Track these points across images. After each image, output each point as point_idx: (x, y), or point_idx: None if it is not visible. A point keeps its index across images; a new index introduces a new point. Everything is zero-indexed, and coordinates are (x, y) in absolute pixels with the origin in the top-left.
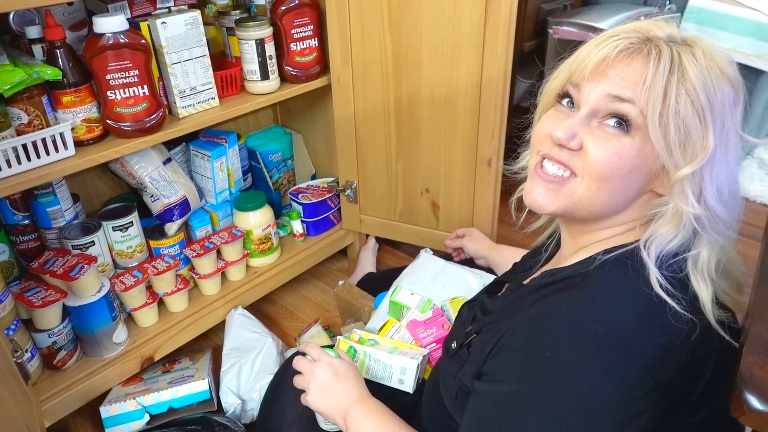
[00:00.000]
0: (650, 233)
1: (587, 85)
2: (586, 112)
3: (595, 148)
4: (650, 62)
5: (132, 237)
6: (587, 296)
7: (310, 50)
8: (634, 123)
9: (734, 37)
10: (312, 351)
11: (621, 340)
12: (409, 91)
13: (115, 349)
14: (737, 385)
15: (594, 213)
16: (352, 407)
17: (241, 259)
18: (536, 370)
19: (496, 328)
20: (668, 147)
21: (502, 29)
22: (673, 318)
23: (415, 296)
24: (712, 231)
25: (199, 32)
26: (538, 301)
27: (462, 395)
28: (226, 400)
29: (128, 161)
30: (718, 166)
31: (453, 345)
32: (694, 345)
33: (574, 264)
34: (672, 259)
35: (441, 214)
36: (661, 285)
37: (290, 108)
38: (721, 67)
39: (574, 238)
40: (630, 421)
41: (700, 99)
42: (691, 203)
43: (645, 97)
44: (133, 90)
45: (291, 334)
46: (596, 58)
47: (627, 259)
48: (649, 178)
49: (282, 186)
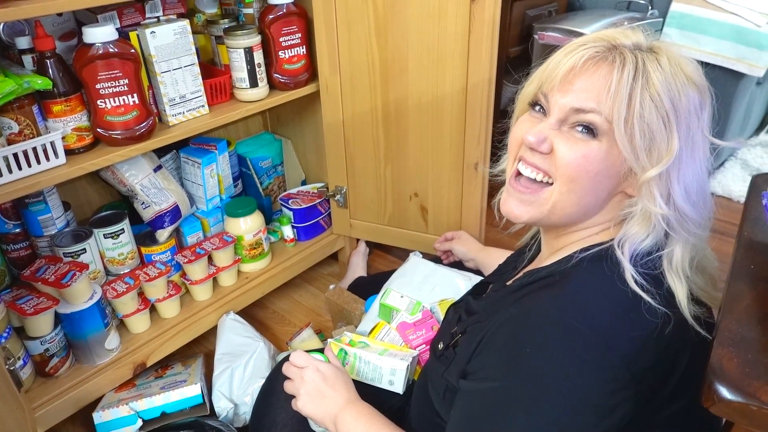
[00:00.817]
0: (623, 233)
1: (555, 95)
2: (555, 119)
3: (564, 150)
4: (614, 70)
5: (123, 244)
6: (565, 294)
7: (299, 58)
8: (600, 129)
9: (716, 41)
10: (300, 357)
11: (598, 335)
12: (397, 98)
13: (108, 356)
14: (708, 377)
15: (568, 216)
16: (341, 411)
17: (233, 264)
18: (517, 366)
19: (479, 328)
20: (634, 151)
21: (486, 36)
22: (648, 313)
23: (404, 299)
24: (682, 230)
25: (188, 41)
26: (518, 300)
27: (449, 395)
28: (218, 405)
29: (119, 169)
30: (685, 167)
31: (439, 346)
32: (668, 338)
33: (553, 263)
34: (647, 257)
35: (430, 218)
36: (636, 281)
37: (280, 115)
38: (687, 73)
39: (552, 241)
40: (608, 413)
41: (664, 104)
42: (659, 204)
43: (610, 104)
44: (123, 99)
45: (283, 339)
46: (564, 68)
47: (603, 257)
48: (618, 179)
49: (272, 192)
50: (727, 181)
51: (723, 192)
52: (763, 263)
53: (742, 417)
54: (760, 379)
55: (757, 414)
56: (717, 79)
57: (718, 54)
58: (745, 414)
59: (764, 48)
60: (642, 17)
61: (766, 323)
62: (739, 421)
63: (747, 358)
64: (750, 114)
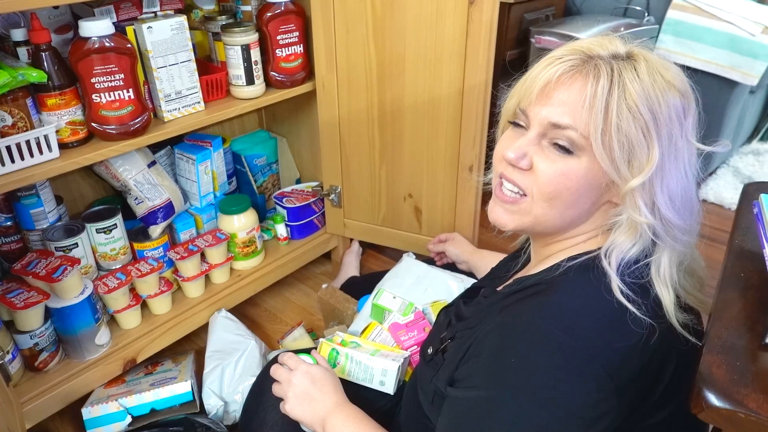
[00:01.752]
0: (610, 243)
1: (533, 110)
2: (535, 134)
3: (544, 168)
4: (589, 83)
5: (116, 239)
6: (551, 303)
7: (296, 56)
8: (578, 145)
9: (710, 49)
10: (289, 360)
11: (583, 345)
12: (393, 98)
13: (98, 351)
14: (697, 383)
15: (552, 228)
16: (329, 414)
17: (225, 262)
18: (503, 376)
19: (468, 335)
20: (614, 163)
21: (483, 39)
22: (633, 323)
23: (397, 300)
24: (668, 238)
25: (185, 37)
26: (506, 308)
27: (438, 399)
28: (208, 402)
29: (113, 164)
30: (669, 175)
31: (429, 351)
32: (653, 348)
33: (541, 271)
34: (634, 265)
35: (423, 219)
36: (622, 291)
37: (276, 113)
38: (667, 79)
39: (540, 249)
40: (592, 423)
41: (642, 114)
42: (644, 214)
43: (586, 119)
44: (119, 93)
45: (274, 337)
46: (540, 83)
47: (590, 266)
48: (601, 191)
49: (267, 190)
50: (719, 189)
51: (715, 199)
52: (752, 271)
53: (730, 424)
54: (748, 386)
55: (745, 421)
56: (711, 86)
57: (712, 62)
58: (732, 421)
59: (758, 57)
60: (638, 23)
61: (755, 331)
62: (727, 428)
63: (736, 365)
64: (743, 122)
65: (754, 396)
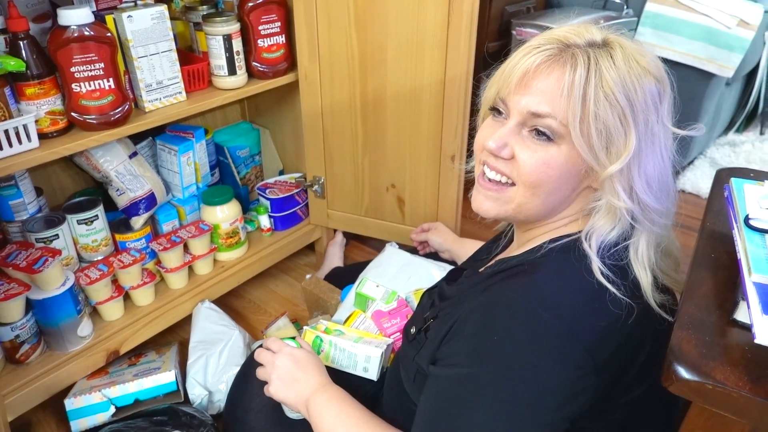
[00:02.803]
0: (590, 226)
1: (512, 99)
2: (514, 123)
3: (525, 157)
4: (567, 72)
5: (97, 230)
6: (533, 283)
7: (278, 47)
8: (557, 133)
9: (688, 41)
10: (273, 344)
11: (563, 323)
12: (375, 89)
13: (80, 343)
14: (668, 358)
15: (534, 215)
16: (313, 395)
17: (209, 253)
18: (485, 353)
19: (450, 314)
20: (592, 150)
21: (464, 29)
22: (612, 303)
23: (380, 288)
24: (646, 221)
25: (166, 26)
26: (489, 287)
27: (420, 378)
28: (192, 392)
29: (93, 155)
30: (645, 160)
31: (412, 330)
32: (631, 327)
33: (523, 253)
34: (613, 248)
35: (406, 209)
36: (602, 272)
37: (258, 104)
38: (643, 65)
39: (522, 233)
40: (572, 399)
41: (618, 101)
42: (622, 198)
43: (564, 107)
44: (99, 83)
45: (258, 328)
46: (519, 72)
47: (571, 248)
48: (580, 177)
49: (250, 181)
50: (696, 179)
51: (692, 189)
52: (722, 252)
53: (698, 396)
54: (716, 359)
55: (712, 392)
56: (688, 78)
57: (689, 54)
58: (701, 393)
59: (733, 49)
60: (617, 16)
61: (724, 308)
62: (695, 400)
63: (705, 340)
64: (719, 114)
65: (721, 368)
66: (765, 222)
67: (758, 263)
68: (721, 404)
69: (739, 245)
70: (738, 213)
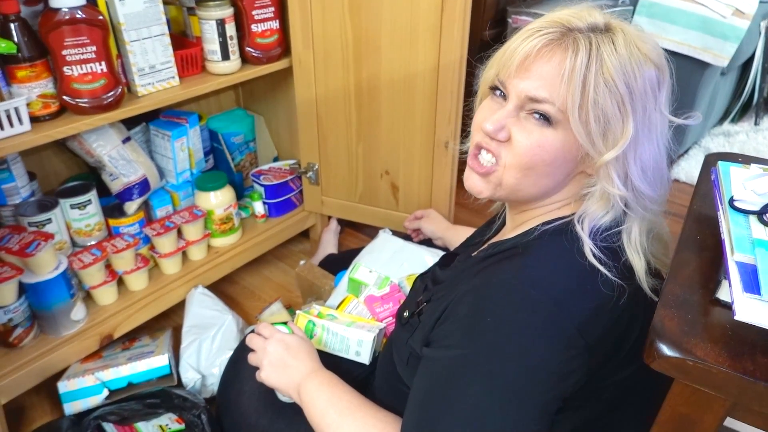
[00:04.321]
0: (583, 210)
1: (512, 82)
2: (513, 106)
3: (520, 139)
4: (568, 57)
5: (90, 215)
6: (526, 265)
7: (271, 32)
8: (555, 118)
9: (683, 30)
10: (264, 329)
11: (556, 304)
12: (369, 75)
13: (74, 327)
14: (650, 335)
15: (526, 196)
16: (304, 380)
17: (202, 238)
18: (479, 334)
19: (444, 297)
20: (590, 137)
21: (458, 15)
22: (604, 285)
23: (373, 274)
24: (639, 208)
25: (159, 10)
26: (482, 270)
27: (413, 361)
28: (186, 375)
29: (86, 139)
30: (642, 147)
31: (405, 314)
32: (622, 309)
33: (516, 236)
34: (605, 232)
35: (400, 196)
36: (594, 254)
37: (253, 90)
38: (644, 51)
39: (515, 215)
40: (563, 378)
41: (618, 88)
42: (617, 185)
43: (564, 93)
44: (91, 66)
45: (252, 314)
46: (520, 55)
47: (563, 230)
48: (575, 162)
49: (244, 168)
50: (690, 168)
51: (686, 179)
52: (708, 234)
53: (679, 372)
54: (697, 336)
55: (693, 368)
56: (683, 68)
57: (684, 43)
58: (682, 369)
59: (728, 39)
60: (613, 4)
61: (707, 288)
62: (676, 376)
63: (687, 318)
64: (714, 103)
65: (702, 345)
66: (749, 203)
67: (741, 243)
68: (701, 380)
69: (723, 226)
70: (723, 195)
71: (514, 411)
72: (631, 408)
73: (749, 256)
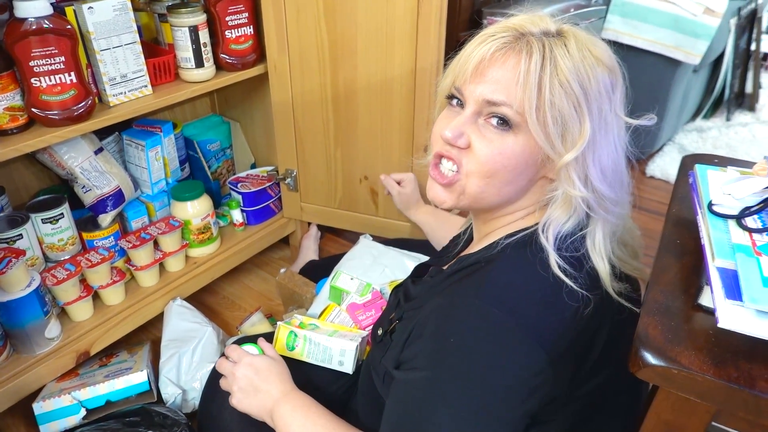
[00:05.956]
0: (547, 217)
1: (468, 88)
2: (470, 112)
3: (481, 147)
4: (522, 60)
5: (63, 229)
6: (487, 281)
7: (246, 38)
8: (513, 121)
9: (655, 29)
10: (232, 353)
11: (518, 322)
12: (346, 79)
13: (48, 345)
14: (635, 344)
15: (490, 204)
16: (276, 405)
17: (180, 249)
18: (443, 356)
19: (413, 315)
20: (548, 138)
21: (434, 18)
22: (568, 296)
23: (354, 281)
24: (601, 210)
25: (129, 18)
26: (447, 288)
27: (388, 379)
28: (165, 391)
29: (57, 151)
30: (600, 148)
31: (379, 332)
32: (587, 320)
33: (480, 250)
34: (569, 239)
35: (380, 201)
36: (559, 266)
37: (228, 97)
38: (596, 55)
39: (481, 226)
40: (530, 395)
41: (573, 89)
42: (577, 187)
43: (520, 96)
44: (60, 77)
45: (233, 324)
46: (474, 60)
47: (527, 243)
48: (537, 167)
49: (221, 176)
50: (665, 165)
51: (662, 175)
52: (688, 238)
53: (665, 381)
54: (681, 344)
55: (678, 377)
56: (656, 66)
57: (657, 42)
58: (667, 377)
59: (700, 36)
60: (587, 4)
61: (689, 293)
62: (662, 385)
63: (670, 325)
64: (687, 100)
65: (687, 353)
66: (727, 208)
67: (721, 248)
68: (686, 388)
69: (703, 231)
70: (702, 199)
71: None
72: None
73: (729, 261)
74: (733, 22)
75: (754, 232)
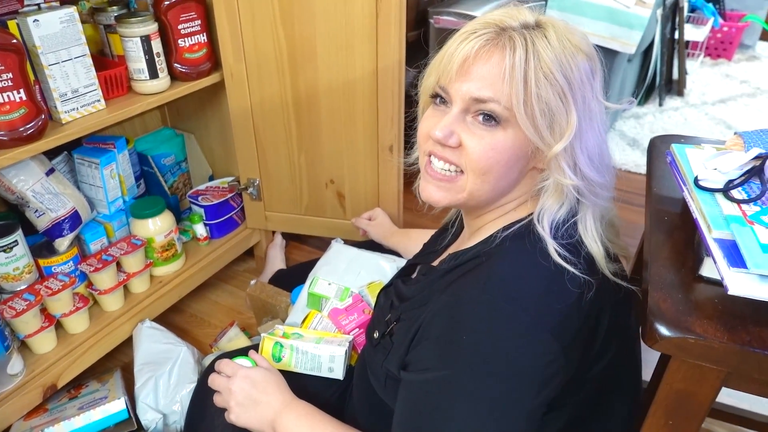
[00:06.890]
0: (540, 207)
1: (454, 86)
2: (458, 109)
3: (472, 145)
4: (506, 56)
5: (18, 257)
6: (492, 276)
7: (200, 46)
8: (501, 117)
9: (592, 22)
10: (225, 367)
11: (527, 313)
12: (307, 84)
13: (11, 382)
14: (648, 318)
15: (485, 200)
16: (278, 416)
17: (144, 269)
18: (456, 354)
19: (414, 316)
20: (537, 131)
21: (394, 17)
22: (571, 283)
23: (332, 286)
24: (591, 195)
25: (77, 30)
26: (449, 285)
27: (391, 382)
28: (145, 417)
29: (5, 175)
30: (586, 136)
31: (375, 334)
32: (590, 304)
33: (477, 244)
34: (563, 226)
35: (347, 204)
36: (559, 253)
37: (180, 108)
38: (575, 43)
39: (472, 221)
40: (546, 384)
41: (557, 80)
42: (568, 175)
43: (507, 91)
44: (8, 95)
45: (205, 342)
46: (458, 59)
47: (524, 234)
48: (527, 159)
49: (178, 190)
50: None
51: None
52: (673, 214)
53: (681, 350)
54: (692, 315)
55: (694, 345)
56: None
57: (595, 34)
58: (683, 347)
59: (634, 27)
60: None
61: (686, 267)
62: (678, 355)
63: (678, 298)
64: (624, 88)
65: (699, 322)
66: (713, 182)
67: (716, 221)
68: (702, 356)
69: (693, 206)
70: (686, 176)
71: (502, 425)
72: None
73: (726, 232)
74: (659, 13)
75: (741, 203)
